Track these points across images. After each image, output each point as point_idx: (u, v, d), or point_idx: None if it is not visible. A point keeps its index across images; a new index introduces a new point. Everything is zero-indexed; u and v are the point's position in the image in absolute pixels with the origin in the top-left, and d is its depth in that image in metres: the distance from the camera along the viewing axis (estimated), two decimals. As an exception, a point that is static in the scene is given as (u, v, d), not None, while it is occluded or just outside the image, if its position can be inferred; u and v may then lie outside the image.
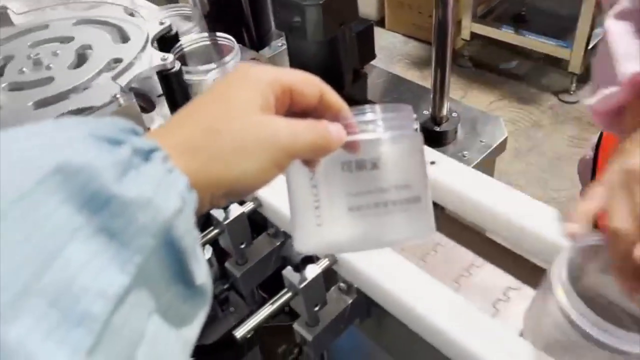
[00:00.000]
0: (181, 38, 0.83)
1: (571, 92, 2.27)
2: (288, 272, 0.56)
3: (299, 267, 0.55)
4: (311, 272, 0.55)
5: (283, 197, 0.36)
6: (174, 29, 0.78)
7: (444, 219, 0.69)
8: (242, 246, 0.65)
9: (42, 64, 0.69)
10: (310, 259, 0.55)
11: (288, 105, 0.31)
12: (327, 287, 0.59)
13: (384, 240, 0.35)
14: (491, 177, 0.67)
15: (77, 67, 0.68)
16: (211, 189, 0.28)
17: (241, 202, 0.66)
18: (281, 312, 0.58)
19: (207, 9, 0.95)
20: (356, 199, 0.33)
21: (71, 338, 0.20)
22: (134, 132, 0.25)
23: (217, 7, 0.96)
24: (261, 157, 0.28)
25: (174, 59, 0.68)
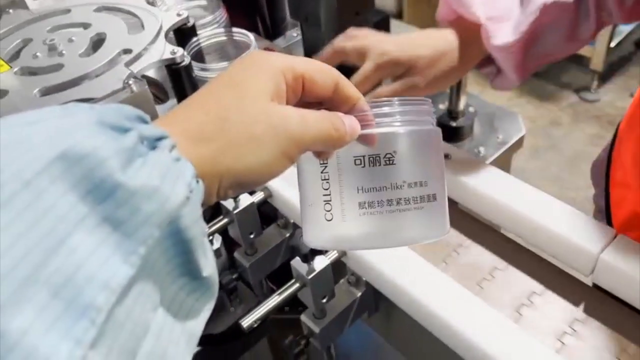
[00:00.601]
0: (199, 32, 0.82)
1: (592, 90, 2.23)
2: (296, 262, 0.55)
3: (308, 258, 0.55)
4: (320, 263, 0.55)
5: (293, 188, 0.35)
6: (191, 21, 0.78)
7: (457, 214, 0.68)
8: (252, 236, 0.65)
9: (56, 49, 0.69)
10: (319, 251, 0.54)
11: (300, 94, 0.31)
12: (336, 280, 0.59)
13: (396, 239, 0.33)
14: (505, 172, 0.65)
15: (89, 55, 0.68)
16: (219, 178, 0.27)
17: (251, 192, 0.65)
18: (289, 303, 0.57)
19: (223, -1, 0.95)
20: (367, 195, 0.32)
21: (74, 330, 0.19)
22: (141, 120, 0.25)
23: (233, -3, 0.96)
24: (270, 147, 0.27)
25: (183, 54, 0.67)
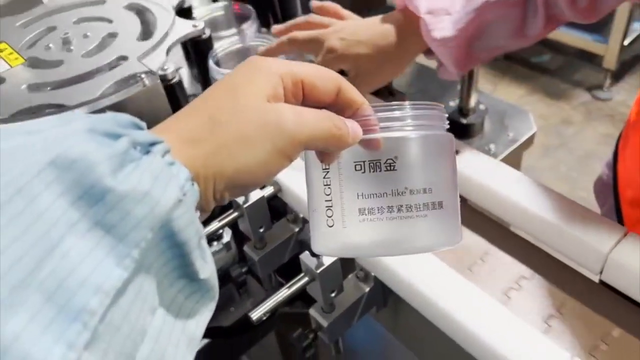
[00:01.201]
0: (223, 39, 0.83)
1: (604, 89, 2.21)
2: (305, 256, 0.56)
3: (317, 253, 0.55)
4: (329, 258, 0.55)
5: (303, 183, 0.35)
6: (207, 33, 0.78)
7: (467, 210, 0.68)
8: (261, 230, 0.65)
9: (68, 43, 0.70)
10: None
11: (301, 98, 0.30)
12: (345, 274, 0.59)
13: (398, 247, 0.32)
14: (515, 169, 0.65)
15: (98, 52, 0.69)
16: (212, 180, 0.27)
17: (262, 186, 0.66)
18: (297, 297, 0.58)
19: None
20: (368, 202, 0.31)
21: (67, 333, 0.19)
22: (136, 126, 0.25)
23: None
24: (263, 145, 0.27)
25: (175, 70, 0.67)
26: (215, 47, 0.78)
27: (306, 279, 0.56)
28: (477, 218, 0.66)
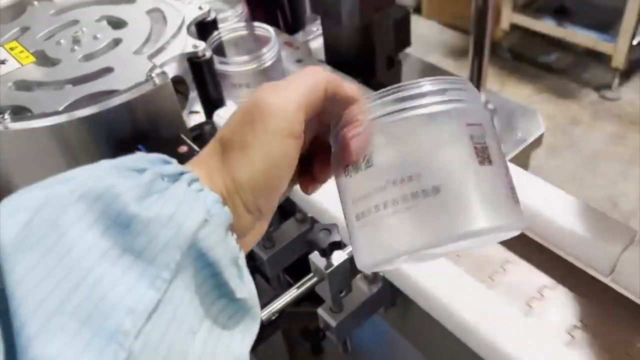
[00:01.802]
0: (220, 25, 0.83)
1: (613, 89, 2.20)
2: (315, 256, 0.56)
3: (326, 253, 0.55)
4: (338, 258, 0.55)
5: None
6: (212, 14, 0.78)
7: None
8: (270, 229, 0.65)
9: (79, 42, 0.70)
10: (337, 245, 0.55)
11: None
12: (353, 274, 0.59)
13: (394, 250, 0.29)
14: (523, 169, 0.65)
15: (111, 48, 0.69)
16: (238, 193, 0.28)
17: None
18: (306, 297, 0.58)
19: (244, -8, 0.95)
20: (359, 206, 0.30)
21: (104, 353, 0.21)
22: (164, 162, 0.27)
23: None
24: (262, 139, 0.28)
25: (206, 48, 0.68)
26: (214, 33, 0.79)
27: (315, 279, 0.56)
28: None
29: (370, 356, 0.83)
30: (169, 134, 0.64)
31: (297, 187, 0.34)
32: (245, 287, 0.26)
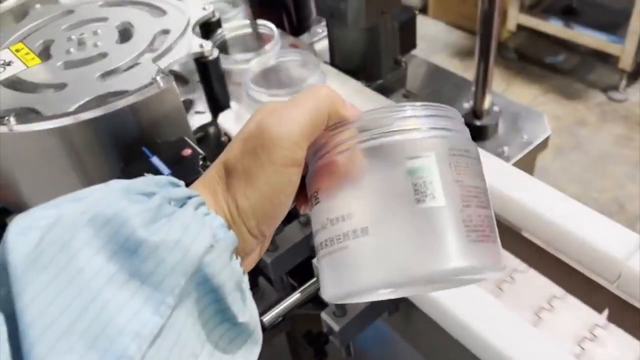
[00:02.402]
0: (224, 24, 0.83)
1: (620, 90, 2.19)
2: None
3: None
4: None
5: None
6: (217, 15, 0.78)
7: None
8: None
9: (83, 44, 0.70)
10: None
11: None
12: (357, 279, 0.59)
13: (328, 292, 0.28)
14: (530, 175, 0.65)
15: (119, 49, 0.69)
16: (242, 219, 0.28)
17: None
18: (309, 301, 0.58)
19: (249, -7, 0.95)
20: (315, 238, 0.29)
21: None
22: (173, 185, 0.27)
23: (259, -9, 0.96)
24: (263, 168, 0.27)
25: (212, 47, 0.68)
26: (217, 32, 0.78)
27: (319, 283, 0.56)
28: (506, 235, 0.65)
29: None
30: (174, 136, 0.64)
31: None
32: (248, 310, 0.27)
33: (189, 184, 0.29)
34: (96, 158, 0.63)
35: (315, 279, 0.57)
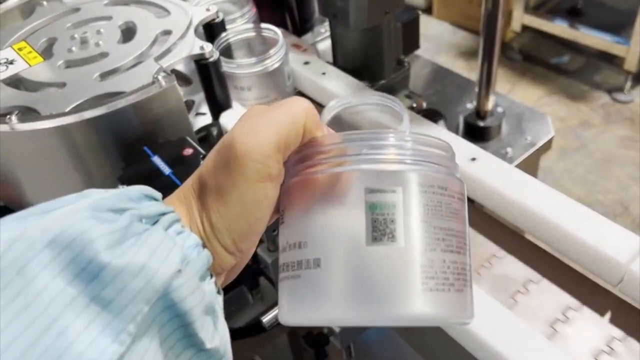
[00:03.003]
0: (228, 27, 0.83)
1: (625, 91, 2.18)
2: (318, 262, 0.55)
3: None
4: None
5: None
6: (220, 16, 0.78)
7: (482, 216, 0.67)
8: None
9: (86, 42, 0.70)
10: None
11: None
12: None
13: (284, 317, 0.27)
14: (534, 177, 0.64)
15: (120, 49, 0.69)
16: (215, 236, 0.27)
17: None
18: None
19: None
20: (280, 257, 0.28)
21: None
22: (149, 198, 0.26)
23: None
24: (235, 183, 0.26)
25: (213, 49, 0.68)
26: (222, 35, 0.78)
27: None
28: (518, 243, 0.64)
29: (374, 361, 0.82)
30: (175, 135, 0.64)
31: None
32: (218, 334, 0.26)
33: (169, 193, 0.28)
34: (97, 157, 0.63)
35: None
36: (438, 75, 1.01)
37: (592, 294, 0.58)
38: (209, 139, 0.70)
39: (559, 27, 2.25)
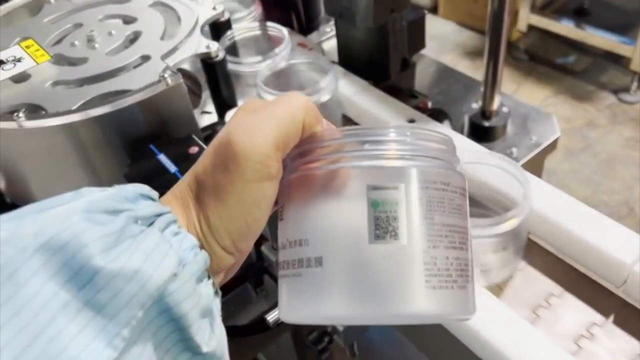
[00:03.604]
0: (234, 25, 0.83)
1: (631, 92, 2.17)
2: (323, 260, 0.56)
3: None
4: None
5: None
6: (226, 15, 0.78)
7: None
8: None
9: (93, 40, 0.70)
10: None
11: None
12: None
13: (284, 314, 0.27)
14: (538, 177, 0.64)
15: (125, 48, 0.69)
16: (213, 236, 0.26)
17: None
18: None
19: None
20: (279, 255, 0.28)
21: None
22: (145, 198, 0.25)
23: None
24: (233, 181, 0.26)
25: (218, 48, 0.68)
26: (227, 33, 0.78)
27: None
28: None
29: (377, 359, 0.82)
30: (181, 133, 0.64)
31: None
32: (215, 338, 0.25)
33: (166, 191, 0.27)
34: (104, 155, 0.64)
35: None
36: (444, 74, 1.01)
37: (596, 293, 0.58)
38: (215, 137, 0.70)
39: (565, 27, 2.24)
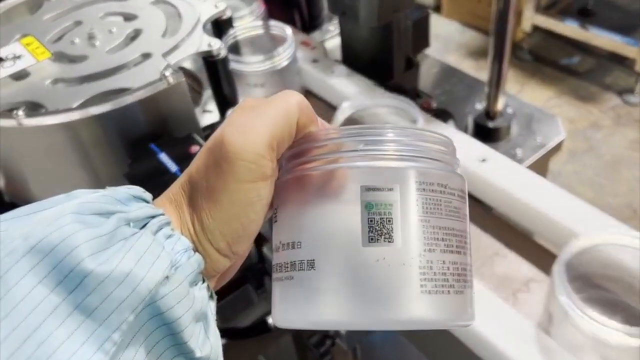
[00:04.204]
0: (236, 24, 0.82)
1: (635, 93, 2.16)
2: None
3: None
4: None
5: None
6: (228, 13, 0.78)
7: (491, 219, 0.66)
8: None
9: (93, 38, 0.70)
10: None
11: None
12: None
13: (276, 319, 0.26)
14: (543, 178, 0.64)
15: (126, 45, 0.69)
16: (207, 239, 0.26)
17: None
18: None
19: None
20: (273, 257, 0.27)
21: None
22: (138, 199, 0.25)
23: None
24: (226, 182, 0.25)
25: (220, 46, 0.67)
26: (230, 32, 0.78)
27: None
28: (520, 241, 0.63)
29: (380, 362, 0.82)
30: (182, 132, 0.64)
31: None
32: (209, 342, 0.25)
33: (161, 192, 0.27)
34: (104, 153, 0.63)
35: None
36: (448, 74, 1.01)
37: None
38: (216, 136, 0.70)
39: (569, 28, 2.23)
